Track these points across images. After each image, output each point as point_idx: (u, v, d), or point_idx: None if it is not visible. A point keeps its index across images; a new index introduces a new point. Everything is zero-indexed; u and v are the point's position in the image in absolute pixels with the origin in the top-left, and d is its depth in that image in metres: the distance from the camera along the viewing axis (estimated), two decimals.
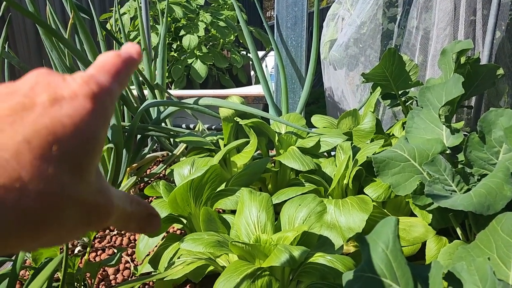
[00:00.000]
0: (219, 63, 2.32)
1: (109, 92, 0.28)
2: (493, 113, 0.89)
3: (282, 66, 1.67)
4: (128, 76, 0.32)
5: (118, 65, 0.31)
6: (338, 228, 1.02)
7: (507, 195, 0.77)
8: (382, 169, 0.95)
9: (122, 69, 0.31)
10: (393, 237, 0.62)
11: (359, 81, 2.33)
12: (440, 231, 1.06)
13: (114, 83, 0.29)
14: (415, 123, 1.05)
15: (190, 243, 0.84)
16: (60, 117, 0.25)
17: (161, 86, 1.55)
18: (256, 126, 1.28)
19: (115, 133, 1.20)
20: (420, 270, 0.66)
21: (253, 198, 0.93)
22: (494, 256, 0.74)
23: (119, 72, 0.30)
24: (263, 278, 0.78)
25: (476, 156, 0.91)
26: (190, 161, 1.20)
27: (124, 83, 0.31)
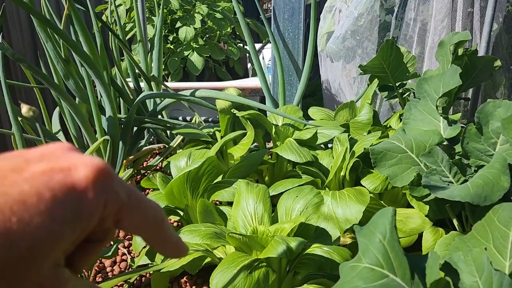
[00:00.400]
0: (216, 55, 2.30)
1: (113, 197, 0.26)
2: (490, 104, 0.89)
3: (279, 58, 1.66)
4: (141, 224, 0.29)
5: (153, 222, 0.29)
6: (335, 219, 1.02)
7: (504, 185, 0.77)
8: (380, 161, 0.94)
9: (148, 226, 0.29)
10: (390, 227, 0.62)
11: (356, 74, 2.33)
12: (436, 222, 1.06)
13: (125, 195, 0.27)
14: (413, 114, 1.05)
15: (187, 235, 0.84)
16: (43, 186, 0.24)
17: (158, 78, 1.54)
18: (253, 118, 1.28)
19: (111, 125, 1.20)
20: (417, 260, 0.66)
21: (250, 189, 0.93)
22: (490, 246, 0.74)
23: None
24: (260, 269, 0.78)
25: (473, 148, 0.91)
26: (187, 153, 1.19)
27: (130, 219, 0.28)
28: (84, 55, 1.08)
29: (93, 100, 1.16)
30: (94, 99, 1.17)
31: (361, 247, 0.64)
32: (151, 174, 1.09)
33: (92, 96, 1.16)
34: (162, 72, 1.95)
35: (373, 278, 0.59)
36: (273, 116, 1.40)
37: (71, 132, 1.36)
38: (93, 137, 1.22)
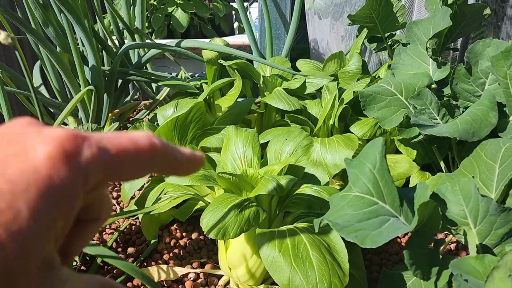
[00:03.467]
0: (201, 12, 2.24)
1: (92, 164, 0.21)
2: (480, 43, 0.89)
3: (266, 11, 1.62)
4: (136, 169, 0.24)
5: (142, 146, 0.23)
6: (324, 165, 1.02)
7: (492, 121, 0.78)
8: (369, 104, 0.94)
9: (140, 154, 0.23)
10: (380, 157, 0.62)
11: (344, 32, 2.29)
12: (423, 167, 1.08)
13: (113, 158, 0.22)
14: (402, 59, 1.04)
15: (176, 177, 0.83)
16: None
17: (141, 31, 1.49)
18: (241, 68, 1.25)
19: (94, 75, 1.16)
20: (406, 192, 0.67)
21: (239, 133, 0.92)
22: (477, 180, 0.75)
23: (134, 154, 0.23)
24: (250, 208, 0.78)
25: (462, 88, 0.91)
26: (174, 104, 1.17)
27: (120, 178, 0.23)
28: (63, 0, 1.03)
29: (74, 48, 1.12)
30: (76, 48, 1.13)
31: (351, 178, 0.64)
32: (137, 123, 1.07)
33: (73, 44, 1.12)
34: (146, 30, 1.89)
35: (363, 206, 0.60)
36: (261, 67, 1.37)
37: (53, 85, 1.32)
38: (76, 88, 1.19)
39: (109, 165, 0.22)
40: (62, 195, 0.20)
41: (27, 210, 0.19)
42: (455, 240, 0.96)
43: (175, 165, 0.26)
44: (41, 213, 0.19)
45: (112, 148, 0.23)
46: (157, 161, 0.24)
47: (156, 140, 0.24)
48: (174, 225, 1.07)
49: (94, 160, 0.21)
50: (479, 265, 0.53)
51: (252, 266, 0.84)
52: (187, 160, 0.27)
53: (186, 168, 0.27)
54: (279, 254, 0.72)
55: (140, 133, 0.24)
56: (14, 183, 0.19)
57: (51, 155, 0.20)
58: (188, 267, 0.93)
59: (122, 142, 0.23)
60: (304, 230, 0.76)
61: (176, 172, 0.27)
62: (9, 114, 1.01)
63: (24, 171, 0.20)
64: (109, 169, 0.22)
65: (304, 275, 0.70)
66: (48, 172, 0.20)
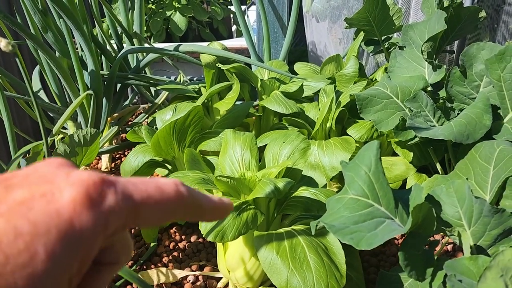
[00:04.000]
0: (199, 16, 2.25)
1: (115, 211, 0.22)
2: (475, 46, 0.90)
3: (264, 15, 1.63)
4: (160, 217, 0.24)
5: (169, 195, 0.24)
6: (322, 168, 1.03)
7: (486, 124, 0.79)
8: (365, 106, 0.95)
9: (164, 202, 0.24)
10: (375, 160, 0.63)
11: (342, 34, 2.31)
12: (420, 169, 1.08)
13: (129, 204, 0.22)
14: (398, 62, 1.05)
15: None
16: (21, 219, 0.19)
17: (140, 35, 1.50)
18: (239, 71, 1.26)
19: (94, 79, 1.17)
20: (401, 193, 0.68)
21: (237, 137, 0.93)
22: (472, 182, 0.76)
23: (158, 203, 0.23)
24: (248, 211, 0.78)
25: (457, 91, 0.92)
26: (172, 107, 1.18)
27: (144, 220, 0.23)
28: (63, 5, 1.04)
29: (73, 53, 1.13)
30: (75, 52, 1.14)
31: (347, 180, 0.65)
32: (136, 127, 1.07)
33: (72, 49, 1.13)
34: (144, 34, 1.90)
35: (359, 208, 0.61)
36: (259, 71, 1.39)
37: (52, 90, 1.33)
38: (75, 92, 1.20)
39: (131, 211, 0.23)
40: (81, 240, 0.20)
41: (44, 253, 0.19)
42: (452, 241, 0.96)
43: (199, 213, 0.26)
44: (58, 257, 0.20)
45: (137, 195, 0.23)
46: (181, 209, 0.25)
47: (182, 188, 0.25)
48: (173, 228, 1.08)
49: (117, 207, 0.22)
50: (473, 265, 0.54)
51: (251, 269, 0.84)
52: (212, 208, 0.27)
53: (211, 215, 0.28)
54: (277, 256, 0.73)
55: (168, 181, 0.25)
56: (35, 225, 0.19)
57: (75, 199, 0.21)
58: (187, 270, 0.94)
59: (148, 189, 0.23)
60: (302, 232, 0.77)
61: (201, 219, 0.27)
62: (8, 119, 1.01)
63: (47, 213, 0.20)
64: (131, 215, 0.23)
65: (301, 276, 0.70)
66: (70, 216, 0.20)
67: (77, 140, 0.87)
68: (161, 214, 0.24)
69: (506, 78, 0.81)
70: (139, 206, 0.23)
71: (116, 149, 1.34)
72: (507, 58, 0.80)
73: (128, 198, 0.22)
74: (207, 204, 0.27)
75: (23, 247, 0.19)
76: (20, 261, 0.19)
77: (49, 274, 0.19)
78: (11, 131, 1.01)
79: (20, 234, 0.19)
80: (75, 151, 0.88)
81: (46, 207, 0.20)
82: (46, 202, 0.20)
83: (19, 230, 0.19)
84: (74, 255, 0.20)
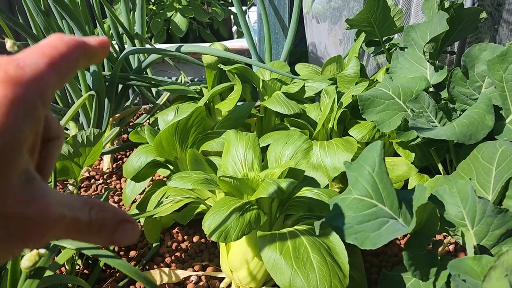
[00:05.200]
0: (200, 16, 2.25)
1: (38, 80, 0.23)
2: (477, 47, 0.90)
3: (265, 16, 1.63)
4: (74, 65, 0.26)
5: (61, 49, 0.25)
6: (324, 168, 1.04)
7: (488, 124, 0.79)
8: (367, 107, 0.95)
9: (66, 55, 0.25)
10: (379, 160, 0.63)
11: (342, 35, 2.31)
12: (422, 170, 1.09)
13: (49, 70, 0.24)
14: (400, 63, 1.05)
15: (178, 181, 0.84)
16: None
17: (141, 36, 1.50)
18: (240, 72, 1.27)
19: (95, 80, 1.17)
20: (404, 194, 0.68)
21: (239, 137, 0.93)
22: (474, 182, 0.77)
23: (62, 57, 0.25)
24: (251, 211, 0.79)
25: (459, 92, 0.92)
26: (174, 108, 1.18)
27: (65, 73, 0.25)
28: (65, 6, 1.04)
29: None
30: None
31: (350, 180, 0.65)
32: (138, 127, 1.08)
33: None
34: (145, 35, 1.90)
35: (362, 208, 0.61)
36: (260, 71, 1.39)
37: None
38: (77, 93, 1.20)
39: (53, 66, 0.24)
40: (23, 106, 0.22)
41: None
42: (454, 241, 0.97)
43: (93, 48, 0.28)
44: (7, 127, 0.21)
45: (47, 53, 0.24)
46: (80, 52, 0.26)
47: (65, 36, 0.26)
48: (176, 228, 1.08)
49: (38, 69, 0.23)
50: (477, 265, 0.54)
51: (254, 269, 0.85)
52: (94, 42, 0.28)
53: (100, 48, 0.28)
54: (280, 256, 0.73)
55: (47, 40, 0.26)
56: None
57: (4, 62, 0.22)
58: (190, 270, 0.94)
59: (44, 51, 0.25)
60: (305, 232, 0.77)
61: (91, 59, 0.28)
62: None
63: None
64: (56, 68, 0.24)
65: (305, 276, 0.71)
66: (3, 93, 0.21)
67: (80, 140, 0.88)
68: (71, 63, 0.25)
69: (508, 79, 0.81)
70: (54, 58, 0.24)
71: (118, 149, 1.34)
72: (509, 59, 0.81)
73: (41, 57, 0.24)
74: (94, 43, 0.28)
75: None
76: None
77: (6, 147, 0.21)
78: None
79: None
80: (79, 152, 0.88)
81: None
82: None
83: None
84: (24, 125, 0.22)
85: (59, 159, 0.88)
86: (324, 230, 0.78)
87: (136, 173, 1.01)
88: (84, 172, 1.30)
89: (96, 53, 0.28)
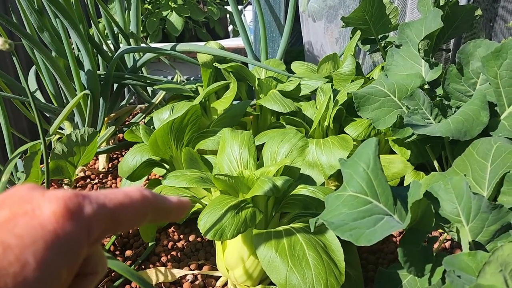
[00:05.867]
0: (196, 16, 2.25)
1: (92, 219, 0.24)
2: (471, 44, 0.90)
3: (261, 14, 1.63)
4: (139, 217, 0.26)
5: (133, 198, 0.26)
6: (320, 166, 1.03)
7: (483, 121, 0.79)
8: (363, 105, 0.95)
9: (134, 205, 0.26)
10: (374, 157, 0.63)
11: (338, 34, 2.31)
12: (418, 167, 1.09)
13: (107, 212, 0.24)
14: (395, 60, 1.05)
15: (173, 180, 0.84)
16: (8, 235, 0.20)
17: (136, 35, 1.50)
18: (236, 71, 1.26)
19: (90, 79, 1.17)
20: (399, 190, 0.68)
21: (234, 136, 0.93)
22: (469, 179, 0.77)
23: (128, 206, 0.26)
24: (247, 209, 0.78)
25: (454, 89, 0.92)
26: (170, 107, 1.18)
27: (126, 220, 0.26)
28: (59, 5, 1.03)
29: (70, 53, 1.13)
30: (71, 52, 1.13)
31: (345, 177, 0.65)
32: (133, 127, 1.07)
33: (68, 49, 1.13)
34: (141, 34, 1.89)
35: (357, 205, 0.61)
36: (256, 70, 1.39)
37: (48, 90, 1.32)
38: (72, 92, 1.19)
39: (108, 218, 0.25)
40: (67, 246, 0.22)
41: (34, 262, 0.20)
42: (450, 238, 0.97)
43: (165, 212, 0.29)
44: (47, 264, 0.21)
45: (109, 203, 0.25)
46: (149, 210, 0.27)
47: (146, 192, 0.28)
48: (172, 227, 1.07)
49: (95, 215, 0.24)
50: (472, 261, 0.54)
51: (250, 267, 0.84)
52: (175, 206, 0.30)
53: (175, 213, 0.30)
54: (276, 254, 0.73)
55: (133, 188, 0.28)
56: (22, 238, 0.21)
57: (56, 212, 0.22)
58: (186, 269, 0.94)
59: (117, 197, 0.26)
60: (301, 230, 0.77)
61: (167, 218, 0.30)
62: (5, 119, 1.01)
63: (31, 227, 0.21)
64: (109, 221, 0.25)
65: (300, 274, 0.70)
66: (54, 227, 0.22)
67: (74, 139, 0.87)
68: (133, 216, 0.26)
69: (503, 75, 0.81)
70: (114, 212, 0.25)
71: (113, 149, 1.34)
72: (503, 55, 0.81)
73: (102, 206, 0.25)
74: (170, 203, 0.30)
75: (13, 258, 0.20)
76: (11, 271, 0.20)
77: (40, 281, 0.20)
78: (8, 132, 1.00)
79: (8, 247, 0.20)
80: (73, 151, 0.88)
81: (29, 222, 0.22)
82: (29, 218, 0.22)
83: (7, 243, 0.20)
84: (62, 263, 0.22)
85: (53, 159, 0.87)
86: (320, 227, 0.78)
87: (131, 172, 1.01)
88: (79, 172, 1.30)
89: (171, 211, 0.30)
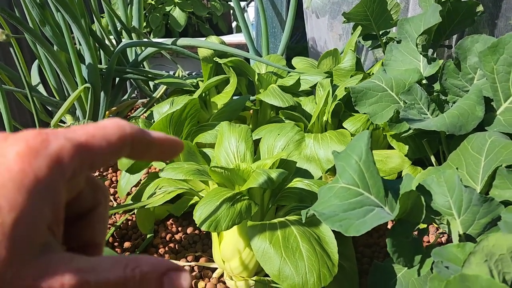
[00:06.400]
0: (199, 11, 2.25)
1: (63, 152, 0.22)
2: (469, 39, 0.90)
3: (262, 10, 1.63)
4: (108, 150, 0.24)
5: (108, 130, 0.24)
6: (317, 160, 1.04)
7: (478, 115, 0.79)
8: (360, 99, 0.95)
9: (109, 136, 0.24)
10: (366, 149, 0.64)
11: (342, 30, 2.31)
12: (415, 162, 1.09)
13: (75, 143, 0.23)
14: (394, 55, 1.05)
15: (170, 172, 0.85)
16: None
17: (139, 30, 1.51)
18: (236, 65, 1.27)
19: (91, 72, 1.18)
20: (393, 183, 0.69)
21: (232, 129, 0.94)
22: (464, 173, 0.77)
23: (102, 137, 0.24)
24: (242, 201, 0.79)
25: (451, 84, 0.92)
26: (170, 101, 1.19)
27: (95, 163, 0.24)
28: None
29: (71, 47, 1.14)
30: (73, 46, 1.14)
31: (338, 169, 0.66)
32: (133, 120, 1.08)
33: (70, 42, 1.14)
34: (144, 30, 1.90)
35: (349, 196, 0.61)
36: (257, 65, 1.39)
37: (50, 83, 1.34)
38: (73, 86, 1.21)
39: (80, 150, 0.23)
40: (38, 182, 0.21)
41: (7, 204, 0.20)
42: (445, 232, 0.97)
43: (145, 144, 0.26)
44: (21, 203, 0.20)
45: (79, 136, 0.23)
46: (126, 140, 0.25)
47: (123, 122, 0.25)
48: (170, 220, 1.09)
49: (63, 147, 0.22)
50: (460, 252, 0.55)
51: (245, 259, 0.85)
52: (158, 140, 0.27)
53: (160, 149, 0.27)
54: (269, 245, 0.74)
55: (108, 119, 0.25)
56: None
57: (19, 152, 0.21)
58: (183, 261, 0.95)
59: (88, 129, 0.24)
60: (295, 223, 0.78)
61: (150, 154, 0.27)
62: (7, 113, 1.02)
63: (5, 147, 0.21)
64: (82, 153, 0.23)
65: (294, 265, 0.71)
66: (19, 167, 0.21)
67: None
68: (108, 146, 0.24)
69: (499, 70, 0.81)
70: (85, 143, 0.23)
71: None
72: (500, 50, 0.81)
73: (71, 139, 0.23)
74: (150, 136, 0.26)
75: None
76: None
77: (19, 222, 0.20)
78: (9, 125, 1.02)
79: None
80: None
81: None
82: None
83: None
84: (37, 200, 0.21)
85: None
86: (315, 220, 0.78)
87: (131, 165, 1.02)
88: None
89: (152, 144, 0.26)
